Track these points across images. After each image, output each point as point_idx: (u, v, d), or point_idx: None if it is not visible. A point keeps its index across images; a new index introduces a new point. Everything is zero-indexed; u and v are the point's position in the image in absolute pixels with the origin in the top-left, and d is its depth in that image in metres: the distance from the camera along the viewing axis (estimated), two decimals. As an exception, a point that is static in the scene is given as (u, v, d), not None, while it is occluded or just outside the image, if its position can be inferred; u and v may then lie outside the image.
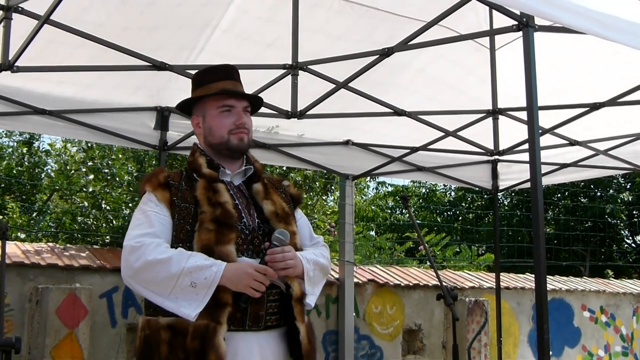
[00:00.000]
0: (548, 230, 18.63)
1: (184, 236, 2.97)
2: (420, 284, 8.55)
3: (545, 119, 5.70)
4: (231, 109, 3.19)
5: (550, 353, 9.38)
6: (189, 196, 3.04)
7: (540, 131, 4.61)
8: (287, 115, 5.39)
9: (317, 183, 11.89)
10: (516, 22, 3.59)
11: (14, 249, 6.55)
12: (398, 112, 5.86)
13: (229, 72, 3.29)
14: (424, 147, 6.73)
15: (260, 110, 3.56)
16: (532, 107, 3.40)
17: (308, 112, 5.45)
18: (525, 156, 6.64)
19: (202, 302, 2.82)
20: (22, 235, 10.52)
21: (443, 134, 6.36)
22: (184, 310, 2.82)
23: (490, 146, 6.71)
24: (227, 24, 5.13)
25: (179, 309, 2.82)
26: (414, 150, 6.80)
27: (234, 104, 3.20)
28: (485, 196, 20.59)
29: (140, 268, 2.87)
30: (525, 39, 3.47)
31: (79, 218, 10.16)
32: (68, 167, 10.92)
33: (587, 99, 5.73)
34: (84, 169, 10.58)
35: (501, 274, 8.27)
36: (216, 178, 3.11)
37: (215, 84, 3.23)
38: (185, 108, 3.36)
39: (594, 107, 5.71)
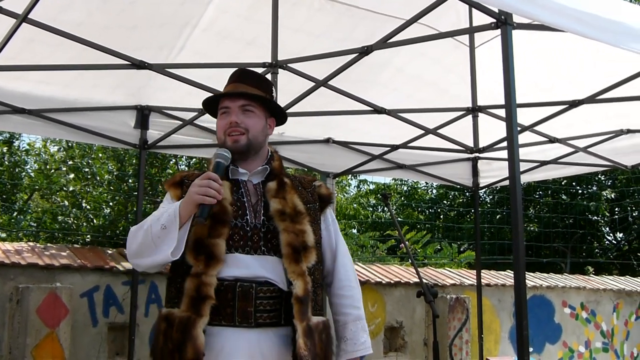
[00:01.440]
0: (531, 228, 18.70)
1: (184, 232, 3.02)
2: (402, 281, 8.56)
3: (525, 116, 5.73)
4: (227, 110, 3.19)
5: (531, 349, 9.44)
6: None
7: (519, 128, 4.65)
8: (267, 113, 5.38)
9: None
10: (494, 20, 3.59)
11: (-6, 249, 6.52)
12: (378, 110, 5.87)
13: (237, 76, 3.31)
14: (405, 145, 6.76)
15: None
16: (510, 104, 3.41)
17: (288, 111, 5.44)
18: (505, 153, 6.71)
19: (174, 238, 2.90)
20: (3, 235, 10.47)
21: (423, 131, 6.38)
22: (165, 251, 2.90)
23: (471, 144, 6.74)
24: (206, 22, 5.13)
25: (163, 254, 2.91)
26: (394, 148, 6.83)
27: (229, 105, 3.19)
28: (467, 194, 20.64)
29: (130, 244, 3.04)
30: (503, 37, 3.48)
31: (60, 217, 10.13)
32: (48, 167, 10.88)
33: (567, 96, 5.76)
34: (64, 168, 10.54)
35: (482, 271, 8.29)
36: (222, 177, 3.11)
37: (225, 89, 3.29)
38: None
39: (573, 104, 5.74)
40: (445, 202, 22.06)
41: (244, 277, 2.97)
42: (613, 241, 21.30)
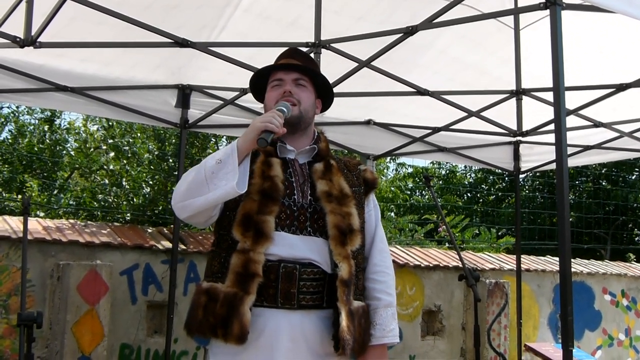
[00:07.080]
0: (571, 214, 18.52)
1: (232, 204, 2.98)
2: (440, 264, 8.51)
3: (569, 100, 5.64)
4: (280, 82, 3.16)
5: (570, 336, 9.33)
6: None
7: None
8: (309, 94, 5.37)
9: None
10: (543, 0, 3.53)
11: (35, 225, 6.57)
12: (421, 92, 5.82)
13: (289, 53, 3.29)
14: (446, 128, 6.69)
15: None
16: (558, 87, 3.33)
17: (330, 91, 5.42)
18: (548, 137, 6.63)
19: (235, 170, 2.81)
20: (42, 214, 10.56)
21: (465, 114, 6.32)
22: (225, 186, 2.80)
23: (514, 127, 6.65)
24: (247, 3, 5.11)
25: (222, 189, 2.81)
26: (435, 130, 6.77)
27: (282, 77, 3.17)
28: (507, 178, 20.48)
29: (179, 186, 2.95)
30: (552, 18, 3.40)
31: (100, 196, 10.20)
32: (88, 145, 10.95)
33: (613, 80, 5.66)
34: (104, 147, 10.60)
35: (522, 256, 8.21)
36: (272, 153, 3.08)
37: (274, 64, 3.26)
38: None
39: (620, 87, 5.64)
40: (483, 186, 21.92)
41: (288, 258, 2.93)
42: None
